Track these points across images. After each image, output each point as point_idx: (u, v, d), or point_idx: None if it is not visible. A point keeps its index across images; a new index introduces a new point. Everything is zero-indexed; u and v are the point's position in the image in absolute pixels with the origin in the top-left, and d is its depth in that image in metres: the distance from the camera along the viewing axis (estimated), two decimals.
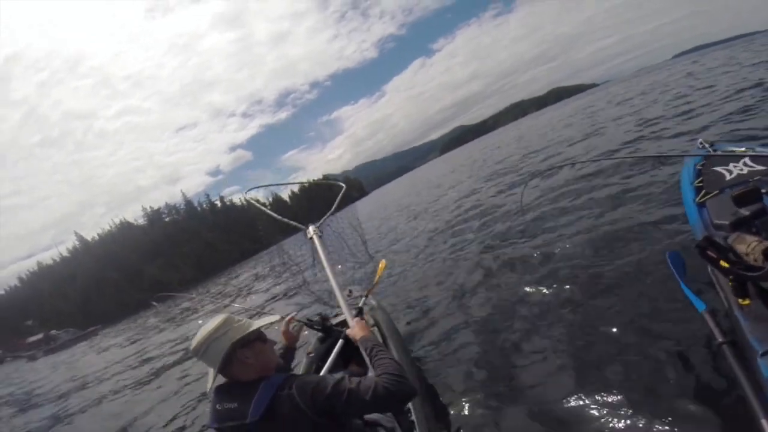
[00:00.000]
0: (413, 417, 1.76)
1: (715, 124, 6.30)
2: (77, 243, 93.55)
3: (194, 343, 1.26)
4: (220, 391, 1.25)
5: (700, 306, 1.54)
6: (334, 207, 2.90)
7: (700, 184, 2.45)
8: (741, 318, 1.40)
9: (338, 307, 3.25)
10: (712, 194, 2.28)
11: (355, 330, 1.52)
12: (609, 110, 15.64)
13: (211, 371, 1.25)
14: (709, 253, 1.47)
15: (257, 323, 1.35)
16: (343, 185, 3.45)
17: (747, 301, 1.42)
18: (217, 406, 1.21)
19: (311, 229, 2.46)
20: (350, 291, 3.51)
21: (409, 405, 1.81)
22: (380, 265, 3.45)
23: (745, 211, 1.72)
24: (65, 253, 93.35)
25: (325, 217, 2.80)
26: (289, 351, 1.89)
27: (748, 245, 1.46)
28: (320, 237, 2.37)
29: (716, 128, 6.00)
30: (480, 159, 22.79)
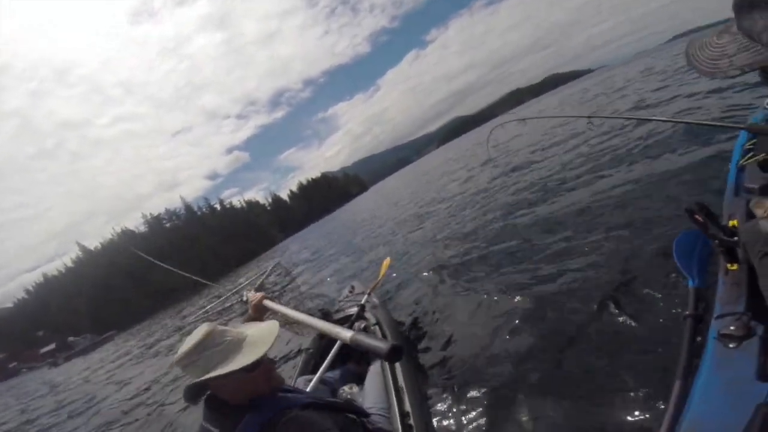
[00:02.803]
0: (411, 421, 1.70)
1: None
2: (80, 253, 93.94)
3: (174, 359, 1.13)
4: (207, 405, 1.13)
5: (692, 282, 1.53)
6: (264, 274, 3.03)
7: (752, 146, 2.15)
8: (720, 282, 1.39)
9: (340, 302, 3.13)
10: (756, 157, 2.03)
11: None
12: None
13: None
14: (696, 217, 1.45)
15: (243, 356, 1.08)
16: None
17: (735, 267, 1.41)
18: (203, 424, 1.11)
19: (249, 295, 2.11)
20: (352, 287, 3.37)
21: (408, 408, 1.76)
22: (384, 263, 3.28)
23: None
24: (69, 264, 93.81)
25: (263, 276, 2.81)
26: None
27: (765, 209, 1.43)
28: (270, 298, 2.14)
29: None
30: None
